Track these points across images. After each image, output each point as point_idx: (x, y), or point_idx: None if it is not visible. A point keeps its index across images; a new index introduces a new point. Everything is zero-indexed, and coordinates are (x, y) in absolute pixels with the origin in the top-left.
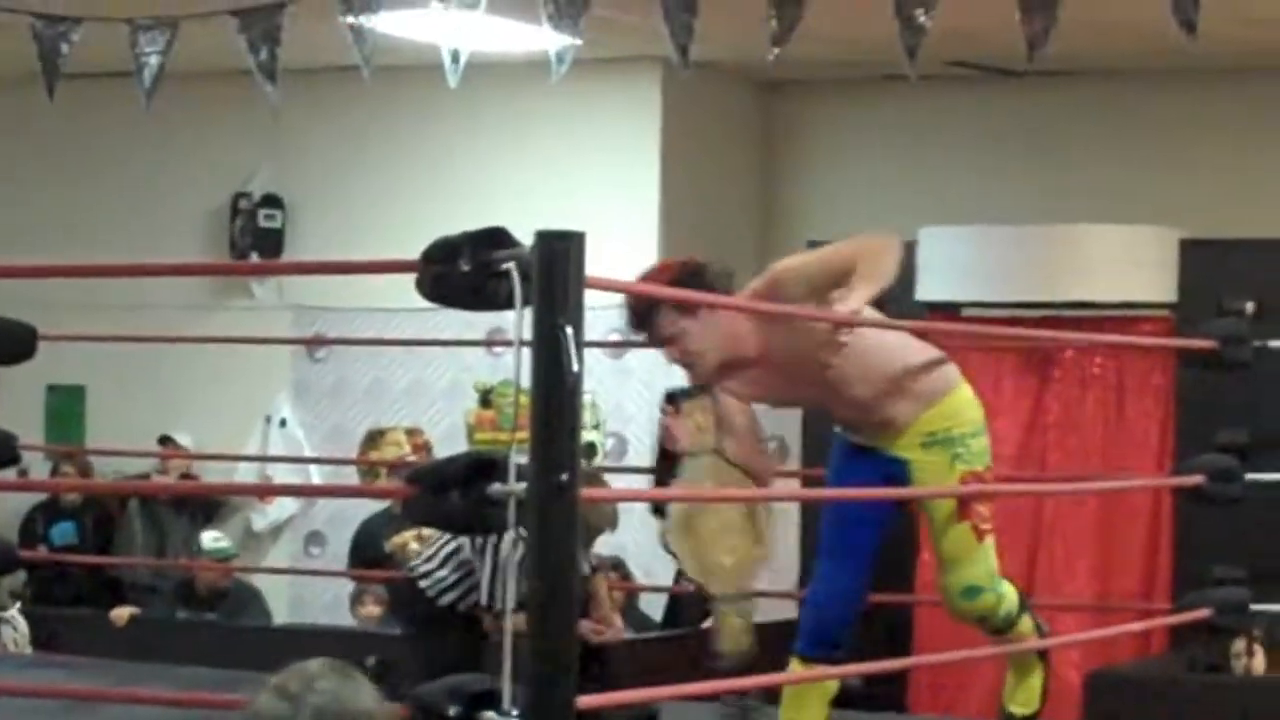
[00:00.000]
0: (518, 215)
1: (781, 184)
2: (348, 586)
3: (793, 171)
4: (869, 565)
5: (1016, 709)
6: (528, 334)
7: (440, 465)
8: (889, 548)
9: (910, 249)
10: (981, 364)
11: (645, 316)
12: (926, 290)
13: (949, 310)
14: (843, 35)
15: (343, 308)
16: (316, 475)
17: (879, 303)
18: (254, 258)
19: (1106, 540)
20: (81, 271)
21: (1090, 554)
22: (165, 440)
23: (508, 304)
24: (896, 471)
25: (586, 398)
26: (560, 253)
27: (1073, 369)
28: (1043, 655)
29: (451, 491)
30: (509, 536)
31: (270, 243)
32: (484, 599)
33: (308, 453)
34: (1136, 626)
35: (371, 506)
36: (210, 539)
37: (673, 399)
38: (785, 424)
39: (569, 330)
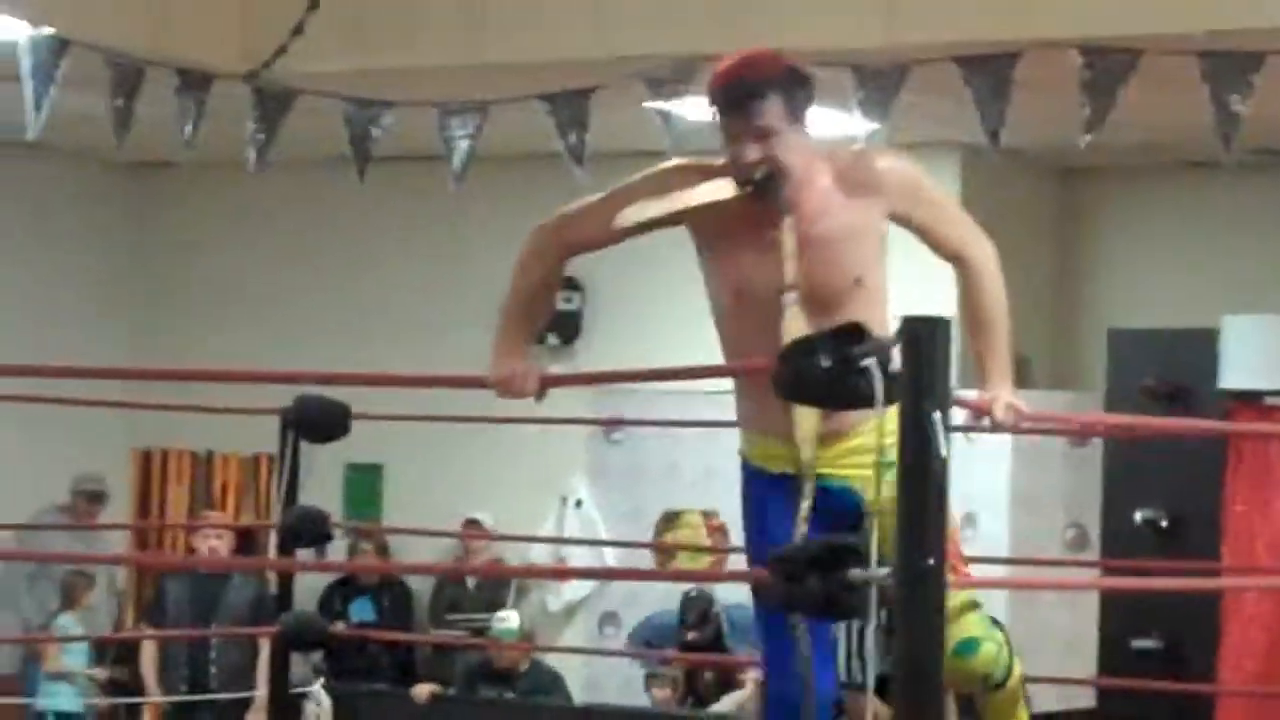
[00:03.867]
0: None
1: (1080, 272)
2: (640, 669)
3: (1091, 259)
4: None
5: None
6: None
7: (798, 550)
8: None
9: (1214, 337)
10: None
11: (754, 96)
12: (1230, 379)
13: (1252, 399)
14: (1149, 122)
15: (639, 389)
16: (611, 557)
17: (1179, 395)
18: (551, 339)
19: None
20: (386, 381)
21: None
22: (471, 523)
23: (868, 399)
24: (846, 505)
25: None
26: (928, 337)
27: None
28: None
29: (809, 576)
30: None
31: (569, 326)
32: (842, 675)
33: (603, 533)
34: None
35: (666, 590)
36: (497, 619)
37: None
38: (1085, 512)
39: (936, 414)
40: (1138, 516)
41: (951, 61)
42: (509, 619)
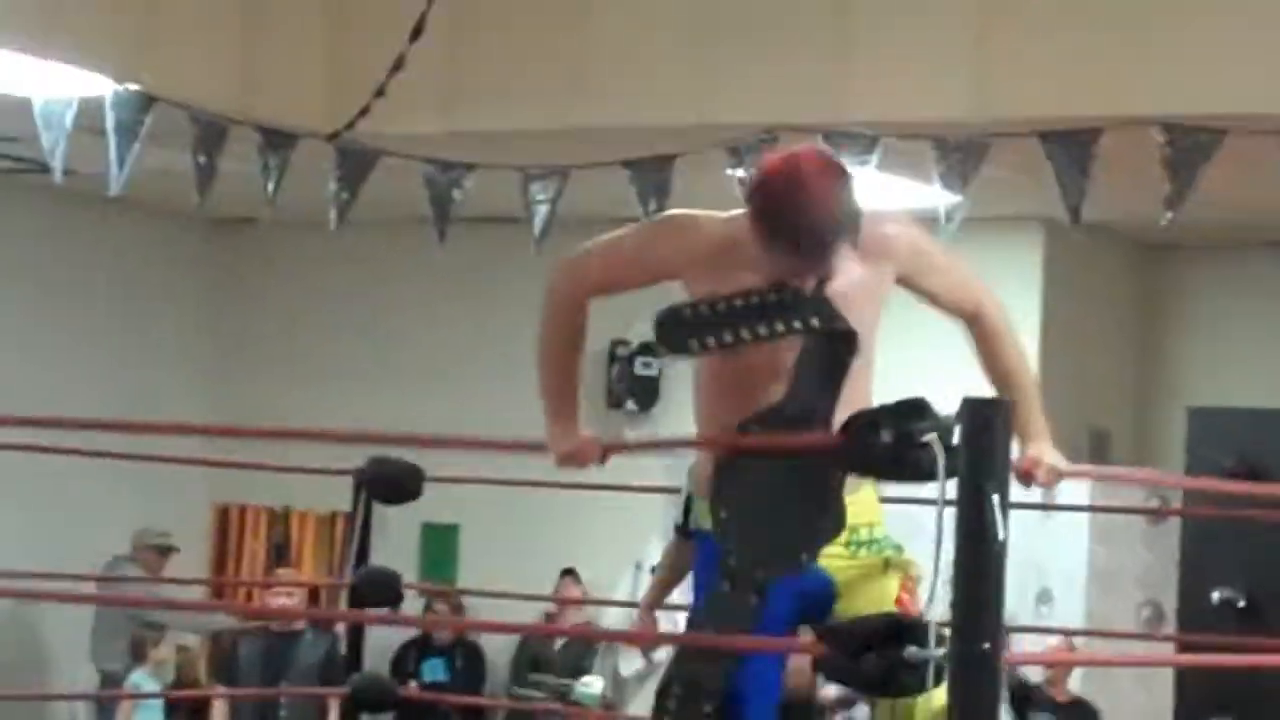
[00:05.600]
0: (886, 372)
1: (1161, 349)
2: None
3: (1173, 336)
4: None
5: None
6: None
7: (857, 625)
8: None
9: None
10: None
11: (829, 247)
12: None
13: None
14: (1232, 200)
15: None
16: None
17: (1259, 475)
18: (629, 404)
19: None
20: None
21: None
22: (568, 573)
23: (930, 474)
24: (815, 589)
25: None
26: (988, 419)
27: None
28: None
29: (867, 652)
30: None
31: (648, 391)
32: None
33: (677, 599)
34: None
35: None
36: (581, 683)
37: None
38: (1163, 589)
39: (995, 496)
40: (1215, 596)
41: (1034, 136)
42: (592, 684)
